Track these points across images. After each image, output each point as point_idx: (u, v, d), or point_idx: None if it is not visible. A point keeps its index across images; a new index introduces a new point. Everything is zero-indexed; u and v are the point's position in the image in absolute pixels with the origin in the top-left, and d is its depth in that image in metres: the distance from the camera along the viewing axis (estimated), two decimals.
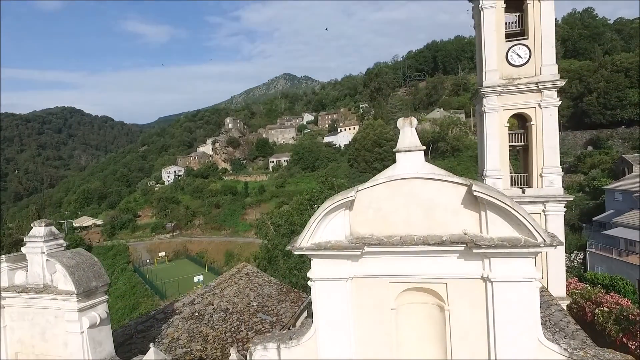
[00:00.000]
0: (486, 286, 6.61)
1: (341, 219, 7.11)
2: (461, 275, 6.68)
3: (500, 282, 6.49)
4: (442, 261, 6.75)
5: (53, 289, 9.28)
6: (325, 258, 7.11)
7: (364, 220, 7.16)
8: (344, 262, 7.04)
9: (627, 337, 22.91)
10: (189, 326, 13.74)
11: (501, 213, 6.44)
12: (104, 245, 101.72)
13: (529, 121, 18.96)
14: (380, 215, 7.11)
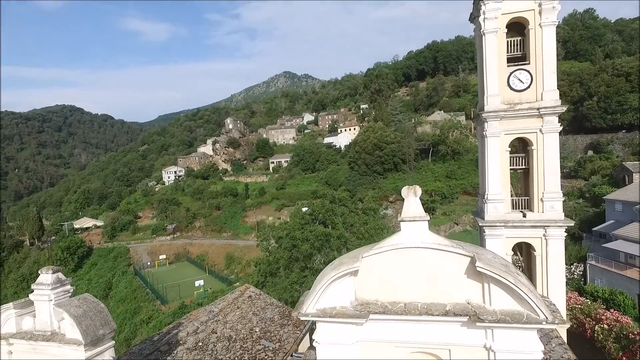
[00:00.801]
0: (489, 355, 6.74)
1: (346, 285, 7.23)
2: (464, 343, 6.81)
3: (502, 353, 6.62)
4: (446, 328, 6.87)
5: (61, 337, 9.40)
6: (330, 322, 7.24)
7: (368, 285, 7.29)
8: (349, 327, 7.17)
9: (627, 355, 23.13)
10: (193, 357, 13.89)
11: (504, 286, 6.56)
12: (105, 247, 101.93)
13: (530, 145, 19.04)
14: (385, 281, 7.23)
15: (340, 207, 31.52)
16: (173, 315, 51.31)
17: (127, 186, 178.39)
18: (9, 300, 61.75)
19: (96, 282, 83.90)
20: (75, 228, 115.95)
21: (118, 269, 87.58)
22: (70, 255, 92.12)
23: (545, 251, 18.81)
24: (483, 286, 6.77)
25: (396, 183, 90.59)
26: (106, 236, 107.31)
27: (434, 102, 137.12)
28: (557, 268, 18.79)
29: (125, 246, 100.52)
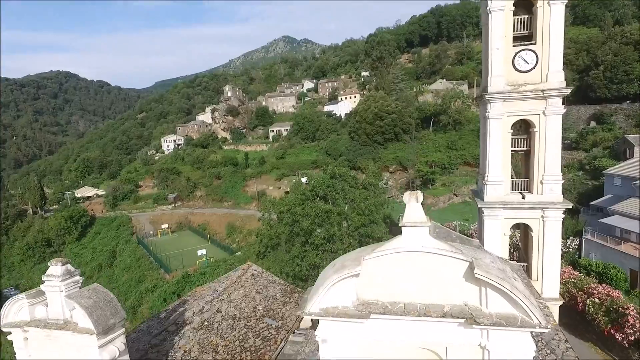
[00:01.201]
0: (483, 353, 7.09)
1: (348, 285, 7.48)
2: (460, 342, 7.14)
3: (496, 352, 6.96)
4: (444, 328, 7.18)
5: (73, 325, 9.78)
6: (332, 320, 7.55)
7: (370, 286, 7.54)
8: (350, 325, 7.48)
9: (615, 328, 24.07)
10: (200, 337, 14.48)
11: (500, 291, 6.80)
12: (107, 216, 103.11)
13: (532, 127, 18.95)
14: (386, 282, 7.47)
15: (341, 183, 31.68)
16: (177, 285, 52.78)
17: (127, 154, 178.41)
18: (15, 268, 63.34)
19: (100, 250, 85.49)
20: (77, 197, 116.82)
21: (121, 237, 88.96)
22: (73, 224, 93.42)
23: (542, 232, 19.15)
24: (480, 289, 7.02)
25: (396, 153, 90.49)
26: (108, 205, 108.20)
27: (436, 70, 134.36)
28: (553, 248, 19.21)
29: (127, 215, 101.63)
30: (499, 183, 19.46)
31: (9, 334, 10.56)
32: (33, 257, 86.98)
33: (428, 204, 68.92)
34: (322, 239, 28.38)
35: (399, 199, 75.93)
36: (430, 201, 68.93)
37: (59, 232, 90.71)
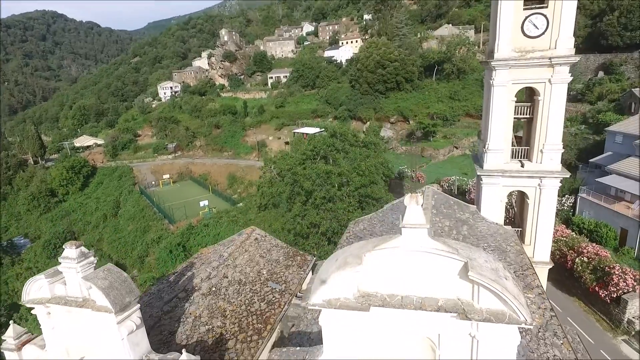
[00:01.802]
0: (472, 341, 7.73)
1: (349, 278, 7.96)
2: (452, 330, 7.75)
3: (484, 341, 7.59)
4: (438, 317, 7.75)
5: (92, 303, 10.46)
6: (335, 310, 8.13)
7: (370, 278, 8.01)
8: (351, 314, 8.07)
9: (599, 286, 25.45)
10: (208, 302, 15.42)
11: (491, 290, 7.25)
12: (108, 166, 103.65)
13: (537, 95, 18.69)
14: (385, 275, 7.93)
15: (342, 142, 31.65)
16: (181, 236, 54.48)
17: (123, 101, 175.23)
18: (22, 217, 64.76)
19: (104, 200, 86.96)
20: (76, 147, 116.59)
21: (124, 188, 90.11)
22: (75, 175, 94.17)
23: (539, 199, 19.61)
24: (473, 286, 7.48)
25: (398, 103, 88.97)
26: (108, 155, 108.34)
27: (442, 13, 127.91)
28: (547, 215, 19.77)
29: (128, 165, 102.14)
30: (499, 151, 19.59)
31: (32, 309, 11.33)
32: (38, 207, 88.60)
33: (428, 156, 69.22)
34: (323, 199, 28.97)
35: (399, 150, 76.09)
36: (430, 153, 69.11)
37: (61, 182, 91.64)
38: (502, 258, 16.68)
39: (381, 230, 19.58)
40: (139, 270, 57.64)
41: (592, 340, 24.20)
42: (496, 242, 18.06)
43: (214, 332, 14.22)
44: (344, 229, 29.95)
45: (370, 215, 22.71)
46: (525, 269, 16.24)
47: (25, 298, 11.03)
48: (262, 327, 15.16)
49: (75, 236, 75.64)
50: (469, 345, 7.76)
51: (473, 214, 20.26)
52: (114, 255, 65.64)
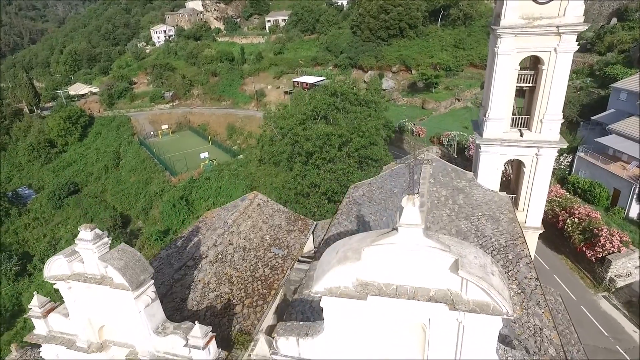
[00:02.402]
0: (459, 325, 8.55)
1: (349, 269, 8.61)
2: (441, 316, 8.53)
3: (469, 326, 8.41)
4: (429, 305, 8.51)
5: (109, 281, 11.28)
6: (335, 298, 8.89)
7: (368, 269, 8.65)
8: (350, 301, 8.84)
9: (586, 246, 26.65)
10: (216, 269, 16.40)
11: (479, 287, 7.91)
12: (106, 116, 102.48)
13: (541, 64, 18.40)
14: (382, 267, 8.57)
15: (342, 101, 31.27)
16: (184, 189, 55.44)
17: (115, 45, 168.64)
18: (24, 168, 65.52)
19: (104, 151, 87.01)
20: (70, 95, 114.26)
21: (123, 138, 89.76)
22: (72, 125, 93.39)
23: (535, 168, 20.06)
24: (462, 279, 8.14)
25: (400, 51, 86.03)
26: (104, 104, 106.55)
27: None
28: (542, 183, 20.32)
29: (125, 115, 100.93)
30: (500, 120, 19.67)
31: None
32: (39, 157, 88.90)
33: (429, 109, 68.41)
34: (323, 160, 29.34)
35: (400, 102, 75.00)
36: (432, 106, 68.23)
37: (59, 133, 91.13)
38: (495, 227, 17.45)
39: (380, 197, 20.19)
40: (143, 222, 59.32)
41: (574, 297, 25.88)
42: (490, 210, 18.73)
43: (222, 298, 15.30)
44: (344, 189, 30.62)
45: (370, 180, 23.22)
46: (516, 237, 17.05)
47: (46, 275, 11.85)
48: (267, 292, 16.27)
49: (78, 187, 76.71)
50: (455, 329, 8.60)
51: (470, 181, 20.74)
52: (118, 206, 67.10)
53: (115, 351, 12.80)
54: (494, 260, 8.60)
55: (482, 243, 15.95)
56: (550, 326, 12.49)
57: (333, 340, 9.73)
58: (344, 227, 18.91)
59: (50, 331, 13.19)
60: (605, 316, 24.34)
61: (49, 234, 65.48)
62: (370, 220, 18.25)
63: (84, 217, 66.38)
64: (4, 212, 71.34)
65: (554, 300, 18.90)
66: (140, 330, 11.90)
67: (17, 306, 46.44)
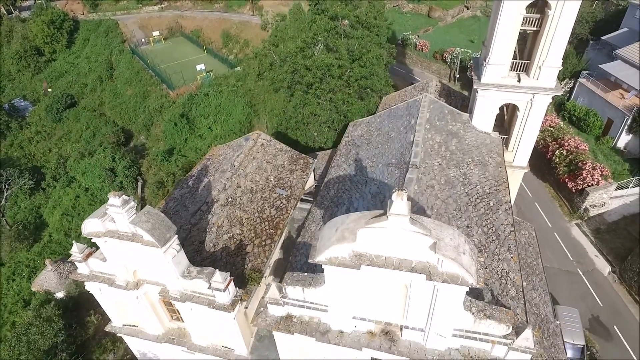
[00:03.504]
0: (434, 287, 10.52)
1: (346, 246, 10.27)
2: (421, 280, 10.45)
3: (443, 288, 10.38)
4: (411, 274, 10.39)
5: (140, 238, 13.07)
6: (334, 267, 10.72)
7: (362, 242, 10.30)
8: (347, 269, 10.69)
9: (569, 178, 28.47)
10: (227, 212, 18.24)
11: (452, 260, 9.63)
12: (91, 19, 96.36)
13: (548, 8, 17.88)
14: (374, 241, 10.21)
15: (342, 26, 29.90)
16: (184, 107, 55.36)
17: None
18: (14, 76, 64.84)
19: (95, 60, 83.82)
20: None
21: (113, 46, 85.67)
22: (57, 30, 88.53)
23: (528, 113, 20.78)
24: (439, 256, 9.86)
25: None
26: (88, 5, 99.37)
27: None
28: (533, 127, 21.29)
29: (112, 19, 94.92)
30: (500, 65, 19.76)
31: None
32: (28, 67, 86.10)
33: (435, 18, 64.61)
34: (323, 90, 29.41)
35: (405, 9, 70.33)
36: (439, 14, 64.25)
37: (45, 39, 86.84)
38: (482, 173, 18.89)
39: (377, 140, 21.20)
40: (146, 138, 60.41)
41: (550, 224, 28.47)
42: (480, 155, 19.99)
43: (234, 239, 17.42)
44: (344, 118, 31.29)
45: (369, 118, 23.94)
46: (500, 183, 18.62)
47: (84, 232, 13.61)
48: (273, 232, 18.37)
49: (75, 100, 75.96)
50: (431, 289, 10.62)
51: (464, 123, 21.59)
52: (119, 121, 67.39)
53: (149, 288, 15.26)
54: (467, 239, 10.23)
55: (467, 191, 17.55)
56: (515, 269, 14.73)
57: (332, 291, 11.89)
58: (343, 171, 20.34)
59: (92, 271, 15.50)
60: (573, 242, 27.23)
61: (54, 148, 66.93)
62: (367, 165, 19.57)
63: (85, 131, 67.08)
64: (5, 125, 71.72)
65: (528, 234, 21.28)
66: (169, 275, 14.12)
67: (37, 219, 50.00)
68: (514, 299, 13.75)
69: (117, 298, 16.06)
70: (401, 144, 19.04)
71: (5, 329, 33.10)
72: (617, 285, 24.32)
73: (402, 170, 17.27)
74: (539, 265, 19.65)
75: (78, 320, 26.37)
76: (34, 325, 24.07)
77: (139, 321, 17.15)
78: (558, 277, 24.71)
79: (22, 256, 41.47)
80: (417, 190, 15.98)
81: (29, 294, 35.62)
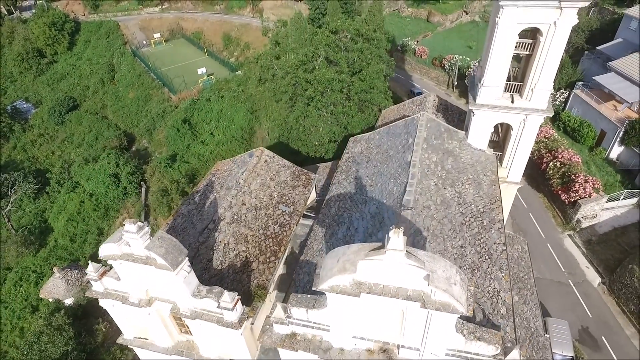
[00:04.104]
0: (428, 313, 11.41)
1: (347, 276, 11.14)
2: (415, 306, 11.32)
3: (436, 314, 11.26)
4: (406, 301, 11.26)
5: (153, 261, 13.93)
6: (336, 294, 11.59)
7: (362, 273, 11.17)
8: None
9: (562, 190, 29.34)
10: (233, 230, 19.10)
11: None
12: (92, 20, 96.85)
13: (540, 35, 18.69)
14: (372, 272, 11.08)
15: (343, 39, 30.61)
16: (185, 112, 56.11)
17: None
18: (16, 78, 65.47)
19: (97, 62, 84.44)
20: None
21: (114, 48, 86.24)
22: (59, 32, 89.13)
23: (521, 132, 21.62)
24: None
25: None
26: (89, 7, 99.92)
27: None
28: (526, 145, 22.16)
29: (113, 20, 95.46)
30: (494, 87, 20.57)
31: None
32: (30, 69, 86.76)
33: (435, 22, 65.28)
34: (324, 103, 30.19)
35: (405, 13, 70.98)
36: (438, 19, 64.94)
37: (47, 41, 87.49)
38: (477, 192, 19.75)
39: (377, 158, 22.02)
40: (149, 142, 61.17)
41: (543, 235, 29.35)
42: (475, 173, 20.84)
43: (240, 256, 18.30)
44: (344, 130, 32.11)
45: (368, 135, 24.74)
46: (493, 202, 19.48)
47: (101, 254, 14.48)
48: (277, 248, 19.25)
49: (77, 103, 76.61)
50: (425, 315, 11.51)
51: (460, 141, 22.43)
52: (121, 124, 68.15)
53: (160, 305, 16.15)
54: (459, 270, 11.10)
55: (462, 210, 18.41)
56: (506, 288, 15.63)
57: (333, 313, 12.78)
58: (343, 188, 21.18)
59: (106, 289, 16.37)
60: (566, 253, 28.13)
61: (57, 151, 67.63)
62: (367, 184, 20.42)
63: (88, 134, 67.75)
64: (8, 128, 72.34)
65: (521, 249, 22.17)
66: (180, 294, 15.01)
67: (42, 224, 50.72)
68: (504, 317, 14.66)
69: (129, 313, 16.95)
70: (399, 164, 19.88)
71: (15, 334, 34.01)
72: (606, 296, 25.29)
73: (400, 190, 18.13)
74: (531, 280, 20.56)
75: (87, 329, 27.28)
76: (46, 333, 24.96)
77: (150, 334, 18.06)
78: (550, 288, 25.64)
79: (29, 261, 42.28)
80: (414, 212, 16.85)
81: (36, 299, 36.47)
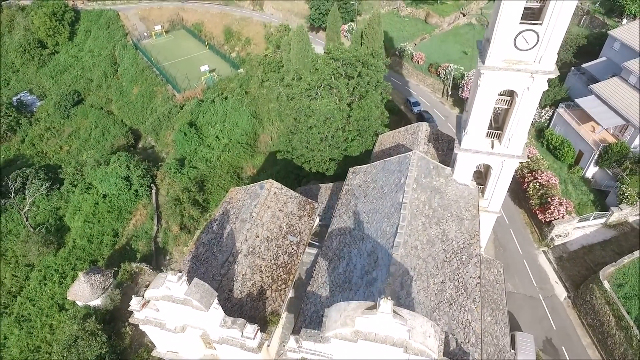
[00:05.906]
0: (408, 356, 14.76)
1: (348, 329, 14.41)
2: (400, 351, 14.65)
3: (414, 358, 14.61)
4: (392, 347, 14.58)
5: (190, 302, 17.17)
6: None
7: (359, 325, 14.44)
8: None
9: (539, 210, 32.54)
10: (249, 262, 22.28)
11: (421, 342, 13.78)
12: (91, 9, 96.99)
13: (515, 95, 21.42)
14: (367, 324, 14.36)
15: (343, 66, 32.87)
16: (191, 114, 58.36)
17: None
18: (18, 68, 67.78)
19: (98, 54, 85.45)
20: None
21: (116, 40, 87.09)
22: (59, 22, 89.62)
23: (500, 172, 24.63)
24: None
25: None
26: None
27: None
28: (504, 182, 25.24)
29: (113, 10, 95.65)
30: (476, 135, 23.40)
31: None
32: (32, 60, 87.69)
33: (432, 24, 66.77)
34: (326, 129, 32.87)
35: (403, 12, 72.17)
36: (435, 21, 66.40)
37: (47, 32, 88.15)
38: (459, 228, 22.91)
39: (373, 194, 25.02)
40: (155, 141, 63.57)
41: (521, 251, 32.71)
42: (458, 209, 23.95)
43: (256, 285, 21.57)
44: (344, 152, 34.92)
45: (366, 167, 27.64)
46: (472, 237, 22.69)
47: (147, 296, 17.69)
48: (287, 277, 22.51)
49: (82, 97, 78.27)
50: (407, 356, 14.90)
51: (447, 177, 25.42)
52: (127, 121, 70.22)
53: (192, 332, 19.52)
54: (433, 324, 14.38)
55: (445, 247, 21.62)
56: (477, 318, 19.03)
57: (337, 348, 16.16)
58: (344, 222, 24.30)
59: (146, 317, 19.69)
60: (539, 269, 31.57)
61: (65, 146, 69.80)
62: (364, 220, 23.51)
63: (94, 130, 69.82)
64: (15, 122, 74.11)
65: (496, 272, 25.56)
66: (210, 325, 18.34)
67: (57, 221, 53.54)
68: (474, 345, 18.12)
69: (164, 335, 20.35)
70: (392, 203, 22.92)
71: (45, 331, 37.69)
72: (570, 309, 28.87)
73: (392, 231, 21.24)
74: (503, 301, 24.02)
75: (115, 332, 30.88)
76: (81, 338, 28.53)
77: (180, 349, 21.55)
78: (522, 302, 29.19)
79: (50, 260, 45.51)
80: (403, 254, 20.04)
81: (62, 298, 40.02)
